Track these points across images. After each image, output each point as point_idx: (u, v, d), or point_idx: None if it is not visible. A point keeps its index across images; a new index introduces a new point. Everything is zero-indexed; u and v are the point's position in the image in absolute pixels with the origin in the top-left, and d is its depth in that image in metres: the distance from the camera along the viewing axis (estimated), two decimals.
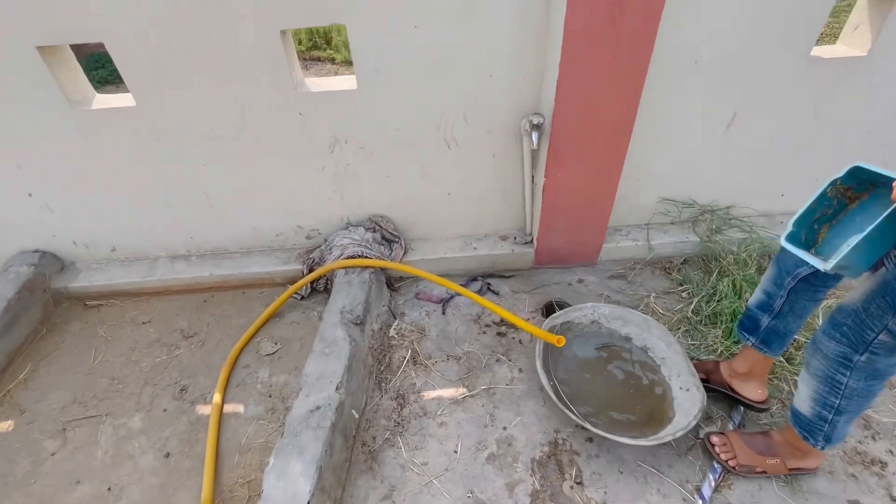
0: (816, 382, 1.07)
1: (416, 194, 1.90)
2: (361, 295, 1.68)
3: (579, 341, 1.65)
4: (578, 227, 1.88)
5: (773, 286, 1.21)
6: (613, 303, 1.87)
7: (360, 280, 1.74)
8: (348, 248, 1.84)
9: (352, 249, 1.83)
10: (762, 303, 1.26)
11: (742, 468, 1.27)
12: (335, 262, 1.79)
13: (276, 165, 1.78)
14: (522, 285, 1.99)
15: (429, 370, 1.64)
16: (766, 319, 1.25)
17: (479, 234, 2.07)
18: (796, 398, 1.16)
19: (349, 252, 1.82)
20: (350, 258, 1.81)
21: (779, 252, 1.19)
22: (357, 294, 1.68)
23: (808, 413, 1.12)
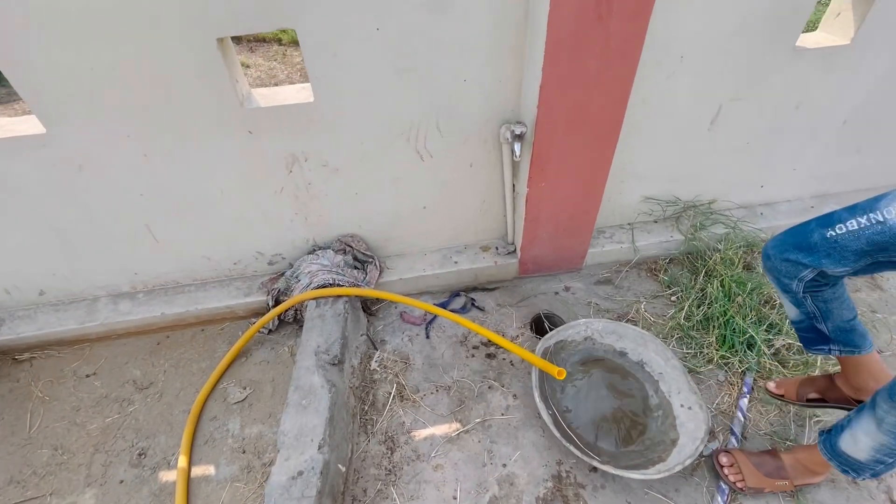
0: (886, 437, 0.95)
1: (388, 210, 1.73)
2: (337, 330, 1.52)
3: (573, 360, 1.57)
4: (563, 235, 1.78)
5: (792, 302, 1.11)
6: (603, 311, 1.80)
7: (333, 312, 1.58)
8: (317, 276, 1.66)
9: (321, 277, 1.66)
10: (801, 318, 1.14)
11: (750, 490, 1.24)
12: (304, 294, 1.62)
13: (226, 191, 1.56)
14: (507, 297, 1.89)
15: (417, 405, 1.52)
16: (821, 324, 1.12)
17: (459, 245, 1.94)
18: (846, 441, 1.03)
19: (319, 280, 1.65)
20: (320, 287, 1.64)
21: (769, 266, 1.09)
22: (332, 329, 1.52)
23: (863, 458, 1.01)
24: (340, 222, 1.75)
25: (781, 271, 1.06)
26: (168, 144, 1.41)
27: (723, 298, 1.71)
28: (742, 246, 1.85)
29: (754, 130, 1.76)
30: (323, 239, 1.79)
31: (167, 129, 1.37)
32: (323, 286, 1.64)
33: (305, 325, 1.55)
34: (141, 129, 1.36)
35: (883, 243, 0.87)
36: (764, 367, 1.52)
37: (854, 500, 1.26)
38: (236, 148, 1.45)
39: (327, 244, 1.80)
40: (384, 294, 1.62)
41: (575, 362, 1.57)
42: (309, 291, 1.62)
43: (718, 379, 1.54)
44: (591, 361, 1.57)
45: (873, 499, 1.27)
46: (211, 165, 1.48)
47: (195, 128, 1.38)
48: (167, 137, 1.39)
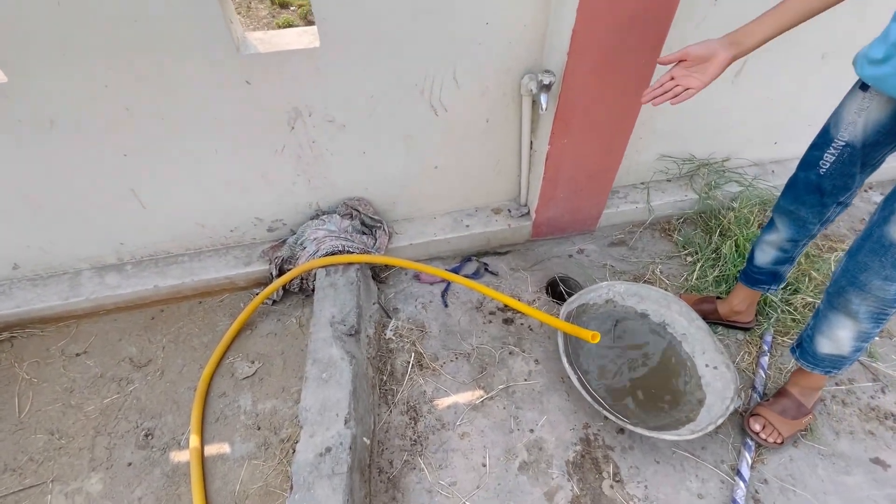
0: (864, 324, 1.03)
1: (397, 171, 1.62)
2: (351, 299, 1.44)
3: (594, 323, 1.54)
4: (581, 195, 1.71)
5: (791, 243, 1.26)
6: (618, 273, 1.76)
7: (346, 280, 1.49)
8: (325, 243, 1.55)
9: (330, 243, 1.55)
10: (781, 259, 1.31)
11: (788, 439, 1.26)
12: (313, 262, 1.52)
13: (221, 149, 1.41)
14: (521, 261, 1.83)
15: (438, 374, 1.47)
16: (785, 267, 1.33)
17: (470, 208, 1.85)
18: (825, 346, 1.13)
19: (327, 247, 1.54)
20: (329, 254, 1.54)
21: (790, 210, 1.21)
22: (346, 299, 1.44)
23: (846, 352, 1.11)
24: (346, 185, 1.63)
25: (807, 219, 1.18)
26: (153, 96, 1.24)
27: (737, 258, 1.69)
28: (757, 204, 1.82)
29: (777, 84, 1.69)
30: (327, 203, 1.67)
31: (152, 79, 1.21)
32: (332, 253, 1.54)
33: (317, 295, 1.46)
34: (121, 77, 1.19)
35: (858, 155, 1.03)
36: (784, 324, 1.53)
37: (871, 449, 1.30)
38: (232, 101, 1.30)
39: (332, 208, 1.68)
40: (397, 261, 1.53)
41: (595, 325, 1.54)
42: (318, 259, 1.52)
43: (737, 338, 1.54)
44: (613, 324, 1.55)
45: (889, 447, 1.30)
46: (203, 121, 1.33)
47: (184, 77, 1.22)
48: (152, 88, 1.23)
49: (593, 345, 1.47)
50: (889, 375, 1.44)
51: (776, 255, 1.30)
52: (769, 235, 1.29)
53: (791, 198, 1.19)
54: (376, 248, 1.63)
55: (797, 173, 1.16)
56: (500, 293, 1.44)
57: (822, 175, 1.10)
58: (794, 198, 1.18)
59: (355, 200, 1.66)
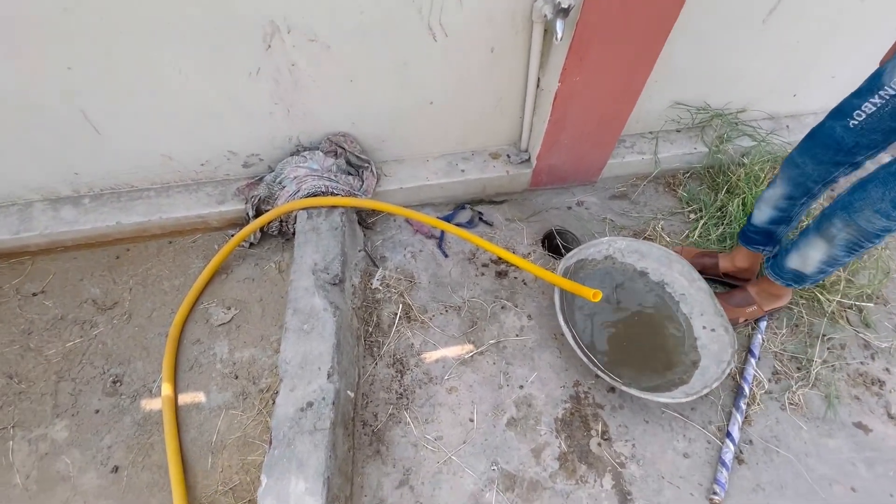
0: (837, 250, 1.07)
1: (388, 104, 1.45)
2: (335, 245, 1.32)
3: (592, 280, 1.47)
4: (587, 142, 1.58)
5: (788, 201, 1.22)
6: (618, 228, 1.68)
7: (329, 225, 1.37)
8: (306, 182, 1.41)
9: (311, 183, 1.41)
10: (777, 218, 1.27)
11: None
12: (293, 203, 1.38)
13: (185, 70, 1.22)
14: (517, 212, 1.72)
15: (426, 327, 1.40)
16: (781, 228, 1.29)
17: (466, 151, 1.70)
18: (794, 260, 1.19)
19: (308, 187, 1.40)
20: (311, 195, 1.40)
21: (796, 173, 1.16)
22: (329, 245, 1.32)
23: (809, 271, 1.17)
24: (330, 118, 1.46)
25: (811, 176, 1.12)
26: None
27: (743, 217, 1.62)
28: (768, 161, 1.72)
29: (808, 27, 1.53)
30: (309, 138, 1.50)
31: None
32: (314, 194, 1.40)
33: (298, 240, 1.34)
34: None
35: None
36: None
37: (856, 414, 1.30)
38: (196, 9, 1.09)
39: (314, 144, 1.52)
40: (386, 206, 1.41)
41: (592, 282, 1.48)
42: (299, 200, 1.38)
43: None
44: (613, 287, 1.48)
45: (873, 413, 1.31)
46: (162, 32, 1.13)
47: None
48: None
49: (589, 302, 1.41)
50: (879, 344, 1.43)
51: (772, 214, 1.26)
52: (768, 191, 1.25)
53: (804, 149, 1.12)
54: (363, 191, 1.50)
55: (823, 121, 1.07)
56: (494, 245, 1.35)
57: (850, 128, 1.00)
58: (807, 149, 1.11)
59: (340, 136, 1.50)
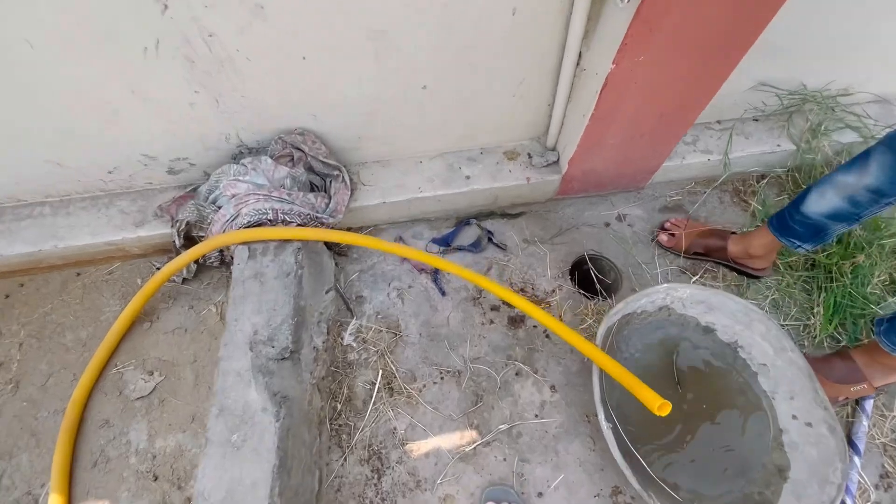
0: None
1: (362, 90, 1.01)
2: (285, 301, 0.94)
3: (638, 336, 1.10)
4: (641, 142, 1.14)
5: (873, 195, 0.89)
6: (666, 253, 1.27)
7: (278, 269, 0.98)
8: (248, 203, 1.01)
9: (254, 206, 1.00)
10: (842, 214, 0.95)
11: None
12: (227, 236, 0.99)
13: (40, 45, 0.79)
14: (538, 228, 1.31)
15: (414, 403, 1.05)
16: (841, 229, 0.98)
17: (472, 149, 1.27)
18: None
19: (250, 212, 1.00)
20: (253, 225, 1.00)
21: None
22: (278, 301, 0.94)
23: None
24: (281, 109, 1.03)
25: None
26: None
27: (838, 245, 1.21)
28: None
29: None
30: (255, 136, 1.08)
31: None
32: (257, 224, 1.00)
33: (232, 293, 0.95)
34: None
35: None
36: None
37: None
38: None
39: (262, 145, 1.10)
40: (361, 239, 1.01)
41: (639, 341, 1.10)
42: (234, 232, 0.99)
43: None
44: (662, 340, 1.10)
45: None
46: None
47: None
48: None
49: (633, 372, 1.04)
50: None
51: (838, 206, 0.94)
52: (844, 176, 0.92)
53: None
54: (330, 212, 1.09)
55: None
56: (507, 290, 0.97)
57: None
58: None
59: (297, 135, 1.07)
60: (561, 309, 1.18)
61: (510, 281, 1.22)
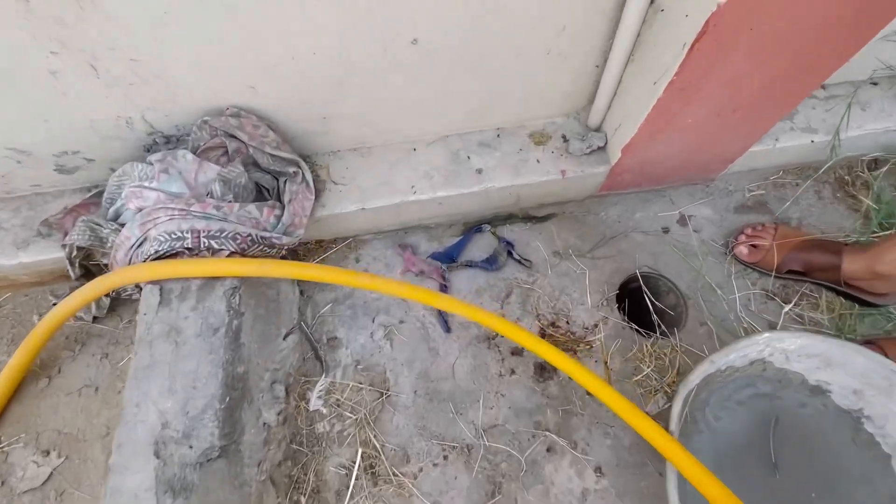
0: None
1: (321, 47, 0.66)
2: (212, 374, 0.64)
3: (718, 396, 0.79)
4: (734, 118, 0.79)
5: None
6: (746, 274, 0.94)
7: (202, 323, 0.67)
8: (159, 222, 0.68)
9: (165, 227, 0.68)
10: None
11: None
12: (130, 270, 0.67)
13: None
14: (573, 237, 0.98)
15: (406, 494, 0.76)
16: None
17: (486, 129, 0.92)
18: None
19: (161, 236, 0.68)
20: (165, 255, 0.68)
21: None
22: (199, 373, 0.64)
23: None
24: (199, 78, 0.68)
25: None
26: None
27: None
28: None
29: None
30: (169, 119, 0.74)
31: None
32: (171, 254, 0.68)
33: (135, 360, 0.65)
34: None
35: None
36: None
37: None
38: None
39: (180, 132, 0.76)
40: (327, 273, 0.69)
41: (720, 402, 0.79)
42: (139, 266, 0.67)
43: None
44: (752, 402, 0.79)
45: None
46: None
47: None
48: None
49: (715, 435, 0.74)
50: None
51: None
52: None
53: None
54: (284, 227, 0.76)
55: None
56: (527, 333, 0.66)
57: None
58: None
59: (230, 117, 0.73)
60: (607, 352, 0.87)
61: (536, 311, 0.91)
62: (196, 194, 0.71)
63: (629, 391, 0.84)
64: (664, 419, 0.80)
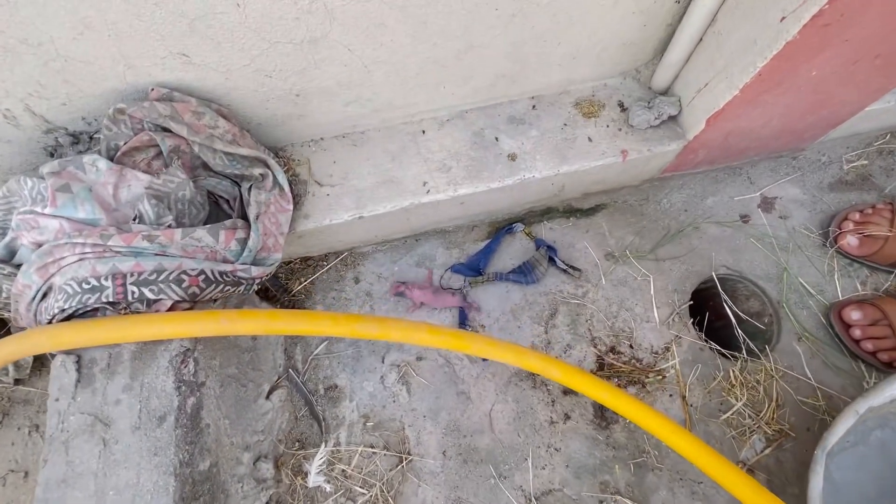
0: None
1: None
2: (160, 487, 0.44)
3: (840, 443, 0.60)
4: (865, 68, 0.56)
5: None
6: (847, 261, 0.74)
7: (139, 411, 0.46)
8: (66, 267, 0.47)
9: (75, 273, 0.46)
10: None
11: None
12: (29, 336, 0.46)
13: None
14: (629, 233, 0.77)
15: None
16: None
17: (518, 99, 0.69)
18: None
19: (68, 288, 0.46)
20: (77, 314, 0.47)
21: None
22: (140, 486, 0.44)
23: None
24: (101, 45, 0.45)
25: None
26: None
27: None
28: None
29: None
30: (70, 111, 0.51)
31: None
32: (83, 311, 0.47)
33: (45, 471, 0.44)
34: None
35: None
36: None
37: None
38: None
39: (93, 127, 0.53)
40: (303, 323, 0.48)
41: (847, 448, 0.61)
42: (31, 332, 0.45)
43: None
44: (884, 447, 0.61)
45: None
46: None
47: None
48: None
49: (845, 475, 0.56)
50: None
51: None
52: None
53: None
54: (251, 252, 0.55)
55: None
56: (571, 368, 0.48)
57: None
58: None
59: (158, 103, 0.50)
60: (684, 384, 0.68)
61: (591, 334, 0.71)
62: (117, 220, 0.49)
63: (717, 433, 0.66)
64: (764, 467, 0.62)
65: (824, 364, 0.69)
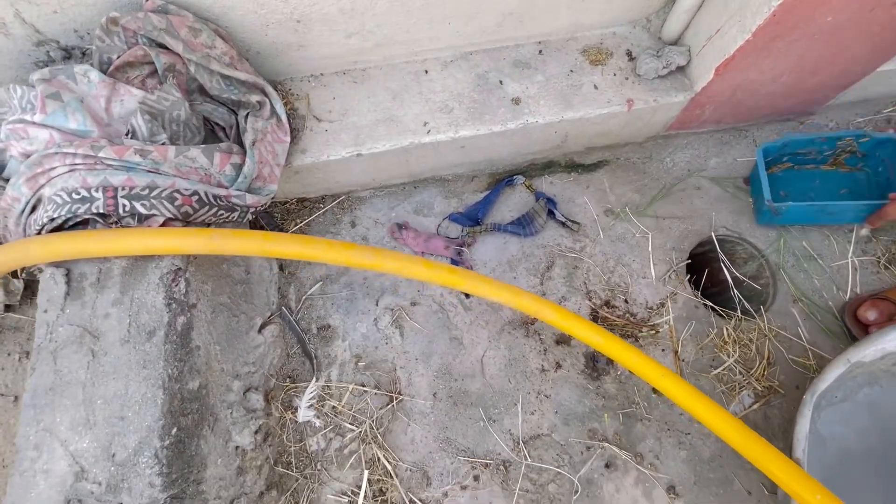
0: None
1: None
2: (149, 398, 0.44)
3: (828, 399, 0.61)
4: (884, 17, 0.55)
5: None
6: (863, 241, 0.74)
7: (129, 324, 0.46)
8: (56, 177, 0.46)
9: (65, 183, 0.45)
10: None
11: None
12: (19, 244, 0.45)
13: None
14: (630, 190, 0.77)
15: None
16: None
17: (524, 43, 0.68)
18: None
19: (59, 196, 0.45)
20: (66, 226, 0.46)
21: None
22: (128, 396, 0.44)
23: None
24: None
25: None
26: None
27: None
28: None
29: None
30: (63, 21, 0.49)
31: None
32: (74, 221, 0.46)
33: (31, 378, 0.44)
34: None
35: None
36: None
37: None
38: None
39: (86, 42, 0.51)
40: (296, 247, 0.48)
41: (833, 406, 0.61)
42: (22, 241, 0.45)
43: None
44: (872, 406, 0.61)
45: None
46: None
47: None
48: None
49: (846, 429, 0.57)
50: None
51: None
52: None
53: None
54: (246, 179, 0.54)
55: None
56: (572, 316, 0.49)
57: None
58: None
59: (153, 14, 0.48)
60: (677, 339, 0.68)
61: (586, 287, 0.71)
62: (109, 135, 0.48)
63: (707, 388, 0.66)
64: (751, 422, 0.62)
65: (818, 327, 0.69)
